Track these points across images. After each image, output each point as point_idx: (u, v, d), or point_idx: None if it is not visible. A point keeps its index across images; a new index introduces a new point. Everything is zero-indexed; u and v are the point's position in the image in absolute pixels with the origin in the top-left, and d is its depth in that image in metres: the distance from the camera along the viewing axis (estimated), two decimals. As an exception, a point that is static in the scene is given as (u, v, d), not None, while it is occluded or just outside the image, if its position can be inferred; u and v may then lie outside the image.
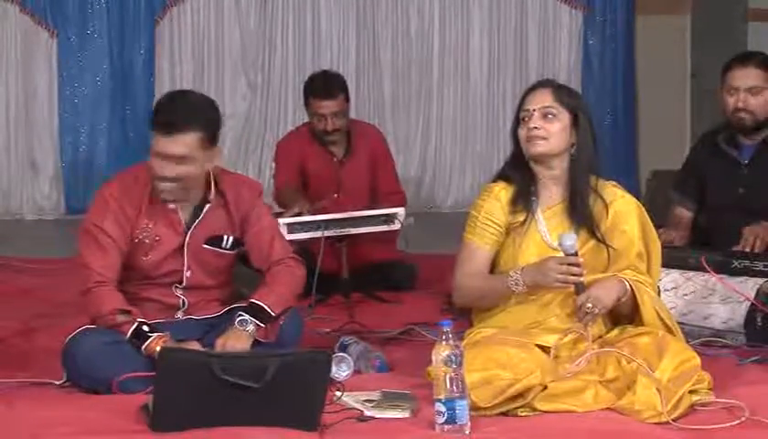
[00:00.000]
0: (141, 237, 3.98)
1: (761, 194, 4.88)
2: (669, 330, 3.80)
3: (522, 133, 3.86)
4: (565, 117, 3.86)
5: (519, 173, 3.88)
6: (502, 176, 3.96)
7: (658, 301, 3.91)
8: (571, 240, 3.72)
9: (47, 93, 8.66)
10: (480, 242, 3.89)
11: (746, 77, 4.90)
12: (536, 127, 3.82)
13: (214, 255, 4.06)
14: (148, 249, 3.99)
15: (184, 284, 4.04)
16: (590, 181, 3.87)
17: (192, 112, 3.90)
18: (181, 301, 4.06)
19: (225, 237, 4.06)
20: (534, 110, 3.84)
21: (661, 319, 3.80)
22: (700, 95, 8.61)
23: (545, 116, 3.84)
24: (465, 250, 3.93)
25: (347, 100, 5.90)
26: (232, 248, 4.08)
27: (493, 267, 3.94)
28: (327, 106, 5.80)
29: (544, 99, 3.87)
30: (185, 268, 4.03)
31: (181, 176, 3.90)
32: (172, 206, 3.99)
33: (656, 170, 8.17)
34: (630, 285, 3.78)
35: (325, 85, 5.89)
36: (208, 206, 4.02)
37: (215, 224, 4.04)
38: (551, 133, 3.83)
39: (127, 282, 3.99)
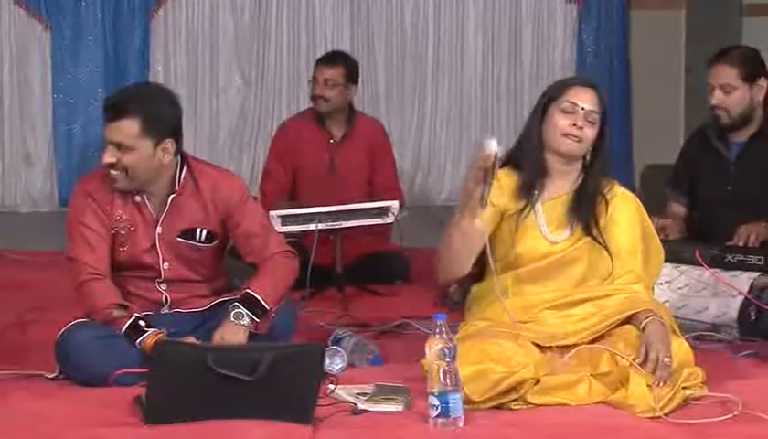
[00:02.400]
0: (116, 228, 3.97)
1: (748, 191, 4.89)
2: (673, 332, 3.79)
3: (562, 123, 3.81)
4: (599, 125, 3.85)
5: (531, 161, 3.84)
6: (511, 160, 3.91)
7: (665, 310, 3.89)
8: (490, 147, 3.50)
9: (40, 86, 8.62)
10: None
11: (719, 74, 4.90)
12: (581, 127, 3.80)
13: (190, 248, 4.04)
14: (124, 240, 3.98)
15: (163, 278, 4.03)
16: (601, 184, 3.87)
17: (131, 100, 3.89)
18: (164, 297, 4.04)
19: (198, 230, 4.03)
20: (583, 108, 3.81)
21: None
22: (695, 90, 8.58)
23: (589, 121, 3.82)
24: None
25: (348, 79, 5.95)
26: (207, 241, 4.05)
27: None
28: (323, 71, 5.92)
29: (593, 101, 3.84)
30: (160, 260, 4.02)
31: (123, 164, 3.88)
32: (138, 198, 3.98)
33: (650, 164, 8.16)
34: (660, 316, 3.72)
35: (330, 54, 6.21)
36: (172, 197, 3.98)
37: (187, 217, 4.01)
38: (588, 138, 3.82)
39: (111, 276, 3.98)
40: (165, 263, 4.02)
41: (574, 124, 3.80)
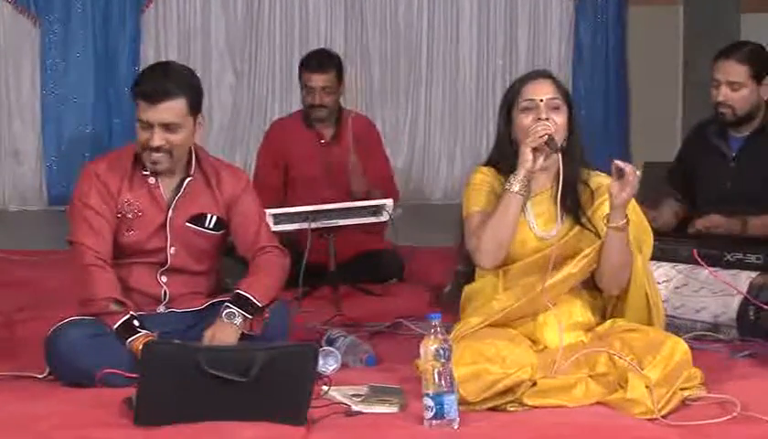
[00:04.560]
0: (123, 212, 3.98)
1: (747, 189, 4.89)
2: (650, 310, 3.81)
3: (526, 122, 3.82)
4: (566, 109, 3.85)
5: (509, 162, 3.86)
6: (489, 163, 3.96)
7: (652, 278, 3.90)
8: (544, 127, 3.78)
9: (30, 82, 8.63)
10: (483, 206, 3.86)
11: (726, 71, 4.87)
12: (547, 118, 3.80)
13: (197, 235, 4.05)
14: (131, 224, 3.99)
15: (168, 265, 4.03)
16: (580, 173, 3.87)
17: (177, 79, 3.95)
18: (163, 291, 4.04)
19: (208, 216, 4.06)
20: (541, 100, 3.82)
21: (647, 297, 3.82)
22: (693, 86, 8.61)
23: (552, 108, 3.83)
24: (470, 222, 3.87)
25: (340, 79, 5.95)
26: (215, 228, 4.07)
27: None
28: (317, 79, 5.87)
29: (548, 90, 3.84)
30: (168, 246, 4.02)
31: (170, 143, 3.92)
32: (152, 180, 4.00)
33: (647, 162, 8.16)
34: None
35: (318, 59, 6.01)
36: (188, 180, 4.02)
37: (197, 202, 4.04)
38: (559, 124, 3.82)
39: (113, 263, 3.98)
40: (172, 248, 4.02)
41: (539, 118, 3.80)
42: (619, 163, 3.66)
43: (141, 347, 3.59)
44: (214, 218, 4.07)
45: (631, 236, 3.80)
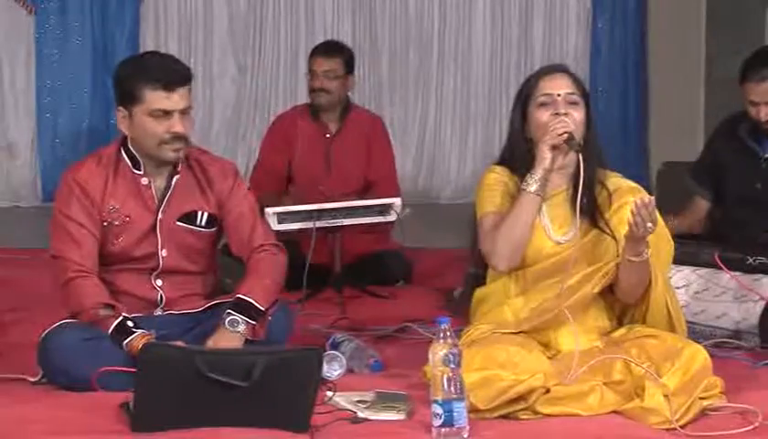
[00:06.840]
0: (109, 220, 3.97)
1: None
2: (672, 322, 3.81)
3: (544, 118, 3.82)
4: (583, 105, 3.86)
5: (523, 160, 3.87)
6: (502, 162, 3.96)
7: (670, 288, 3.90)
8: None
9: (24, 74, 8.62)
10: (498, 207, 3.86)
11: (765, 93, 4.85)
12: (566, 113, 3.81)
13: (189, 234, 4.05)
14: (119, 232, 3.98)
15: (160, 268, 4.02)
16: (597, 172, 3.87)
17: (183, 65, 4.04)
18: (159, 295, 4.04)
19: (199, 213, 4.05)
20: (558, 95, 3.83)
21: (667, 309, 3.81)
22: (715, 83, 8.60)
23: (570, 103, 3.83)
24: (484, 224, 3.87)
25: (348, 71, 6.01)
26: (207, 226, 4.07)
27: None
28: (321, 63, 5.98)
29: (566, 84, 3.85)
30: (159, 247, 4.02)
31: (187, 130, 3.95)
32: (145, 181, 3.99)
33: (668, 161, 8.16)
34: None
35: (326, 45, 6.29)
36: (177, 177, 4.02)
37: (187, 199, 4.04)
38: (578, 121, 3.82)
39: (102, 271, 3.97)
40: (164, 250, 4.02)
41: (557, 113, 3.80)
42: (633, 205, 3.60)
43: (140, 346, 3.61)
44: (205, 215, 4.07)
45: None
